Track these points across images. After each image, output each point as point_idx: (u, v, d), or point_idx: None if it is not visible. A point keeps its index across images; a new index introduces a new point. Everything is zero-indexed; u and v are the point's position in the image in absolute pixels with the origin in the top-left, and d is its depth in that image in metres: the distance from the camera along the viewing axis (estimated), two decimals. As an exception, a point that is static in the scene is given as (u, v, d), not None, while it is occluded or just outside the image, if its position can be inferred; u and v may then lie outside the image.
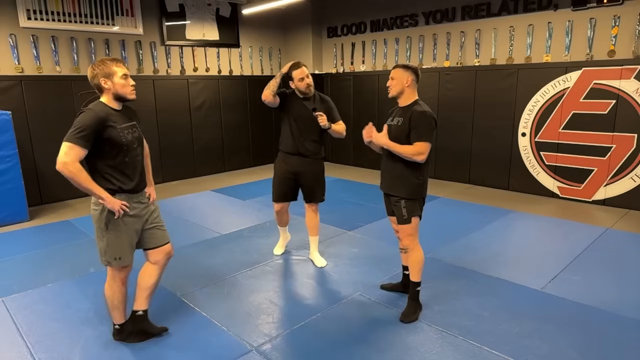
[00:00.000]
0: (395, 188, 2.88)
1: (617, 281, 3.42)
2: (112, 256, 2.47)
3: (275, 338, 2.75)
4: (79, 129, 2.28)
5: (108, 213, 2.40)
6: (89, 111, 2.36)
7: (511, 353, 2.53)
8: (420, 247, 2.94)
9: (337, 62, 8.41)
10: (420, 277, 2.94)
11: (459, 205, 5.56)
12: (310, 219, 3.74)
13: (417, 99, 2.87)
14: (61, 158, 2.23)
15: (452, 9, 6.59)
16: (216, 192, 6.49)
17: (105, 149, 2.37)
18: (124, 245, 2.48)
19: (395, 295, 3.24)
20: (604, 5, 5.23)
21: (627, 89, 5.06)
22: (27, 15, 5.75)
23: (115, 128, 2.39)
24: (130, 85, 2.45)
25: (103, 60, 2.42)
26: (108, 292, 2.60)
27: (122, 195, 2.43)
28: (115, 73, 2.40)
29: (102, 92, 2.46)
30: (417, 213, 2.87)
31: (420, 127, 2.73)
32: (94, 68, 2.40)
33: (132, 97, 2.48)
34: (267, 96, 3.40)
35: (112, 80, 2.40)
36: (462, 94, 6.49)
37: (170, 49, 7.20)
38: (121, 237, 2.46)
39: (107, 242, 2.45)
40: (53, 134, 6.00)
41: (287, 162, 3.56)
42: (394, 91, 2.86)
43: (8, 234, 4.83)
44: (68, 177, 2.25)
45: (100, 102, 2.45)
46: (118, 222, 2.43)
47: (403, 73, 2.81)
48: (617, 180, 5.31)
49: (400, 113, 2.87)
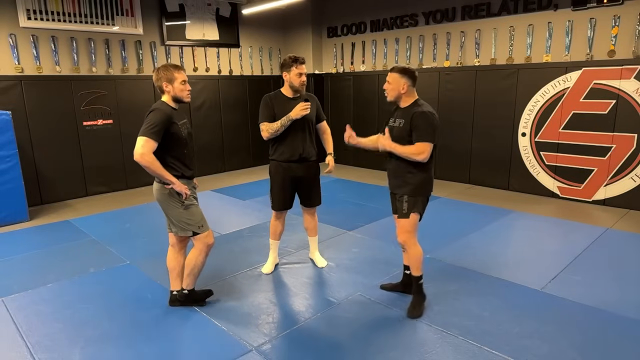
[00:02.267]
0: (400, 186, 2.93)
1: (617, 281, 3.42)
2: (196, 224, 2.86)
3: (275, 338, 2.75)
4: (152, 125, 2.63)
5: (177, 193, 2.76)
6: (159, 110, 2.70)
7: (511, 353, 2.53)
8: (418, 244, 2.98)
9: (337, 62, 8.41)
10: (420, 271, 2.99)
11: (459, 205, 5.56)
12: (309, 222, 3.72)
13: (417, 99, 2.89)
14: (138, 150, 2.59)
15: (452, 9, 6.59)
16: (216, 192, 6.49)
17: (170, 143, 2.74)
18: (201, 215, 2.90)
19: (395, 295, 3.24)
20: (604, 5, 5.23)
21: (627, 89, 5.06)
22: (27, 15, 5.75)
23: (177, 124, 2.78)
24: (187, 90, 2.83)
25: (166, 66, 2.78)
26: (194, 261, 2.94)
27: (183, 180, 2.81)
28: (177, 79, 2.77)
29: (163, 93, 2.83)
30: (417, 210, 2.90)
31: (421, 128, 2.76)
32: (159, 72, 2.78)
33: (188, 99, 2.87)
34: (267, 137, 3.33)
35: (173, 85, 2.78)
36: (462, 94, 6.49)
37: (170, 49, 7.20)
38: (197, 209, 2.90)
39: (188, 214, 2.84)
40: (53, 134, 6.02)
41: (287, 169, 3.41)
42: (390, 96, 2.91)
43: (8, 234, 4.83)
44: (145, 166, 2.62)
45: (163, 102, 2.80)
46: (190, 198, 2.83)
47: (399, 79, 2.83)
48: (617, 180, 5.31)
49: (401, 115, 2.90)
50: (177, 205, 2.81)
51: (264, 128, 3.31)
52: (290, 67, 3.28)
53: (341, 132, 3.27)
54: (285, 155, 3.37)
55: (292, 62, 3.27)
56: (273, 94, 3.41)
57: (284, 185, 3.45)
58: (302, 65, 3.29)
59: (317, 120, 3.53)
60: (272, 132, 3.28)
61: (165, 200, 2.81)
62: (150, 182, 2.95)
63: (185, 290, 3.05)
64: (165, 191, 2.77)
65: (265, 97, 3.39)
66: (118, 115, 6.55)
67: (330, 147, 3.60)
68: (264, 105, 3.35)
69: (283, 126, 3.26)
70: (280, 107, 3.32)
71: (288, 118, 3.23)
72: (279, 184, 3.46)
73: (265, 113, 3.33)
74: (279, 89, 3.42)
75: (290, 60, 3.28)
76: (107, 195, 6.51)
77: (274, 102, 3.35)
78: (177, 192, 2.76)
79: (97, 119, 6.39)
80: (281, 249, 4.03)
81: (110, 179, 6.63)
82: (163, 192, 2.79)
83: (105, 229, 4.86)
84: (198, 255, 2.93)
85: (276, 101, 3.36)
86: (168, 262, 3.07)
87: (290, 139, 3.34)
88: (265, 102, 3.36)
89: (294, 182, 3.46)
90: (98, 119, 6.39)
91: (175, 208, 2.82)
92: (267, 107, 3.34)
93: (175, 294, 3.09)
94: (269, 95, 3.40)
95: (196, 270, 2.98)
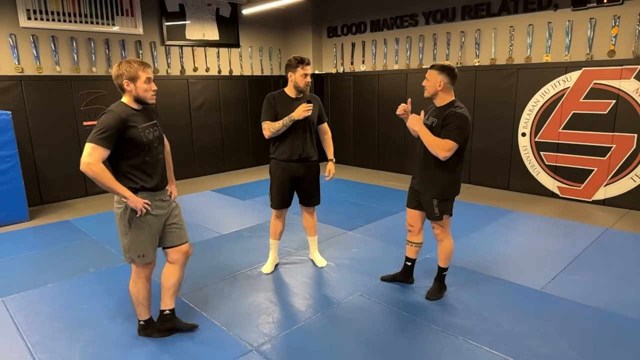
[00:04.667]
0: (428, 188, 3.02)
1: (617, 281, 3.42)
2: (136, 253, 2.51)
3: (275, 338, 2.75)
4: (101, 130, 2.31)
5: (131, 211, 2.43)
6: (111, 112, 2.38)
7: (511, 353, 2.53)
8: (452, 239, 3.16)
9: (337, 62, 8.41)
10: (448, 264, 3.19)
11: (458, 205, 5.50)
12: (308, 221, 3.72)
13: (454, 100, 2.90)
14: (85, 159, 2.26)
15: (452, 9, 6.59)
16: (216, 192, 6.49)
17: (127, 149, 2.40)
18: (146, 243, 2.52)
19: (395, 295, 3.24)
20: (604, 5, 5.23)
21: (627, 89, 5.06)
22: (27, 15, 5.75)
23: (137, 128, 2.41)
24: (152, 90, 2.48)
25: (130, 61, 2.43)
26: (133, 289, 2.64)
27: (144, 194, 2.47)
28: (140, 77, 2.42)
29: (124, 92, 2.48)
30: (448, 212, 3.07)
31: (452, 127, 2.78)
32: (120, 67, 2.42)
33: (152, 101, 2.52)
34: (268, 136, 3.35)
35: (135, 84, 2.42)
36: (462, 94, 6.45)
37: (170, 49, 7.20)
38: (144, 235, 2.50)
39: (130, 239, 2.49)
40: (53, 134, 6.02)
41: (287, 169, 3.42)
42: (428, 92, 2.92)
43: (8, 234, 4.83)
44: (91, 177, 2.28)
45: (121, 103, 2.47)
46: (141, 220, 2.46)
47: (437, 75, 2.84)
48: (617, 180, 5.31)
49: (435, 113, 2.92)
50: (122, 227, 2.47)
51: (266, 127, 3.33)
52: (296, 68, 3.30)
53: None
54: (286, 154, 3.38)
55: (298, 63, 3.29)
56: (277, 94, 3.42)
57: (283, 184, 3.46)
58: (308, 67, 3.32)
59: (319, 122, 3.54)
60: (273, 131, 3.30)
61: (117, 217, 2.48)
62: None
63: (141, 321, 2.75)
64: (121, 206, 2.44)
65: (269, 97, 3.41)
66: (118, 115, 6.54)
67: (331, 152, 3.62)
68: (267, 104, 3.38)
69: (285, 126, 3.27)
70: (283, 107, 3.34)
71: (290, 118, 3.25)
72: (278, 183, 3.47)
73: (267, 112, 3.36)
74: (282, 89, 3.44)
75: (295, 61, 3.30)
76: (107, 195, 6.50)
77: (277, 101, 3.37)
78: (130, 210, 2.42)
79: (98, 119, 6.37)
80: (281, 249, 4.03)
81: (110, 179, 6.62)
82: (117, 207, 2.47)
83: (105, 229, 4.85)
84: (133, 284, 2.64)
85: (279, 101, 3.38)
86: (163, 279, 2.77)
87: (291, 139, 3.35)
88: (268, 101, 3.38)
89: (293, 181, 3.47)
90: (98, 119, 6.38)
91: (120, 226, 2.49)
92: (270, 106, 3.36)
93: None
94: (272, 94, 3.42)
95: (141, 298, 2.65)
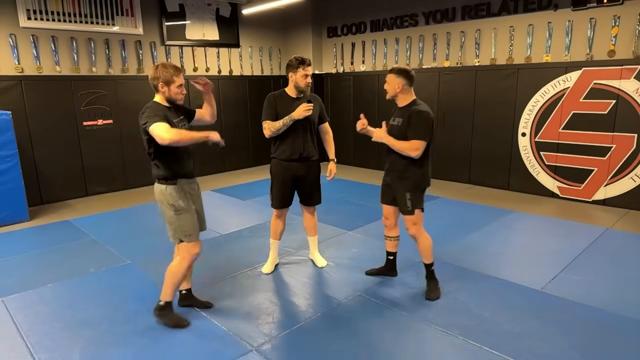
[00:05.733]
0: (399, 181, 3.10)
1: (617, 281, 3.42)
2: (183, 233, 2.77)
3: (275, 338, 2.75)
4: (154, 114, 2.57)
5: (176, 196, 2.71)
6: (154, 105, 2.67)
7: (511, 353, 2.53)
8: (426, 234, 3.16)
9: (337, 62, 8.41)
10: (431, 258, 3.20)
11: (459, 205, 5.56)
12: (308, 221, 3.73)
13: (415, 100, 3.06)
14: (164, 134, 2.48)
15: (452, 9, 6.59)
16: (216, 192, 6.49)
17: None
18: (191, 223, 2.79)
19: (395, 295, 3.24)
20: (604, 5, 5.23)
21: (627, 89, 5.06)
22: (27, 15, 5.75)
23: (172, 122, 2.67)
24: (182, 94, 2.78)
25: (166, 66, 2.70)
26: (176, 269, 2.81)
27: (182, 180, 2.76)
28: (174, 82, 2.71)
29: (157, 92, 2.75)
30: (420, 205, 3.10)
31: (416, 126, 2.95)
32: (157, 71, 2.69)
33: (181, 102, 2.83)
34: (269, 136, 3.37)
35: (169, 87, 2.71)
36: (462, 94, 6.48)
37: (170, 49, 7.20)
38: (188, 216, 2.78)
39: (178, 221, 2.74)
40: (53, 134, 6.02)
41: (288, 169, 3.43)
42: (389, 95, 3.11)
43: (8, 234, 4.83)
44: (177, 143, 2.53)
45: (155, 102, 2.73)
46: (184, 204, 2.75)
47: (394, 79, 3.03)
48: (617, 180, 5.31)
49: (399, 113, 3.08)
50: (169, 209, 2.73)
51: (266, 126, 3.35)
52: (297, 69, 3.32)
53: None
54: (286, 154, 3.40)
55: (299, 63, 3.31)
56: (277, 93, 3.45)
57: (284, 184, 3.47)
58: (309, 67, 3.35)
59: (320, 121, 3.55)
60: (274, 130, 3.32)
61: (161, 201, 2.76)
62: (149, 182, 2.94)
63: (162, 302, 2.86)
64: (164, 191, 2.71)
65: (269, 96, 3.43)
66: (118, 115, 6.55)
67: (332, 151, 3.63)
68: (268, 104, 3.40)
69: (285, 125, 3.29)
70: (284, 107, 3.36)
71: (290, 118, 3.26)
72: (279, 182, 3.49)
73: (268, 112, 3.38)
74: (283, 89, 3.46)
75: (296, 61, 3.32)
76: (107, 195, 6.51)
77: (277, 101, 3.39)
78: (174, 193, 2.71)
79: (97, 119, 6.39)
80: (281, 249, 4.03)
81: (110, 179, 6.63)
82: (162, 193, 2.73)
83: (105, 229, 4.85)
84: (179, 263, 2.81)
85: (280, 100, 3.40)
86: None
87: (291, 138, 3.37)
88: (269, 100, 3.41)
89: (294, 180, 3.48)
90: (98, 119, 6.39)
91: (167, 210, 2.74)
92: (271, 105, 3.39)
93: (184, 293, 3.08)
94: (273, 94, 3.45)
95: (176, 280, 2.82)
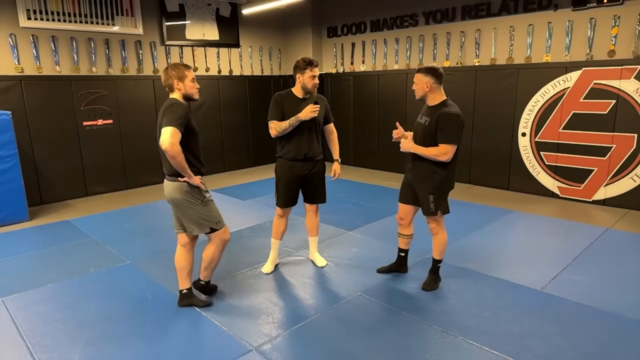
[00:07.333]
0: (423, 183, 3.10)
1: (617, 281, 3.42)
2: (214, 221, 2.91)
3: (275, 338, 2.75)
4: (179, 117, 2.63)
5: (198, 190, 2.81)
6: (180, 104, 2.73)
7: (511, 353, 2.53)
8: (446, 232, 3.24)
9: (337, 62, 8.40)
10: (442, 256, 3.28)
11: (459, 205, 5.55)
12: (311, 220, 3.74)
13: (446, 99, 3.01)
14: (170, 139, 2.56)
15: (452, 9, 6.59)
16: (216, 192, 6.48)
17: (187, 137, 2.73)
18: (217, 212, 2.95)
19: (395, 295, 3.24)
20: (604, 5, 5.23)
21: (627, 89, 5.06)
22: (27, 15, 5.75)
23: (191, 119, 2.78)
24: (197, 88, 2.86)
25: (176, 65, 2.79)
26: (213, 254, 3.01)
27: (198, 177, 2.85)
28: (187, 76, 2.79)
29: (172, 92, 2.82)
30: (443, 207, 3.12)
31: (446, 129, 2.90)
32: (168, 71, 2.78)
33: (197, 97, 2.89)
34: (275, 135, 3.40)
35: (184, 82, 2.78)
36: (462, 94, 6.48)
37: (170, 49, 7.20)
38: (213, 206, 2.94)
39: (207, 212, 2.87)
40: (53, 134, 6.02)
41: (293, 168, 3.45)
42: (417, 95, 3.07)
43: (8, 234, 4.83)
44: (172, 155, 2.59)
45: (174, 99, 2.78)
46: (209, 195, 2.89)
47: (422, 78, 2.98)
48: (617, 180, 5.31)
49: (428, 112, 3.04)
50: (196, 202, 2.83)
51: (273, 126, 3.38)
52: (304, 70, 3.35)
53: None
54: (292, 153, 3.43)
55: (307, 65, 3.34)
56: (284, 93, 3.47)
57: (289, 183, 3.51)
58: (316, 69, 3.40)
59: (325, 122, 3.58)
60: (280, 130, 3.34)
61: (183, 197, 2.80)
62: (149, 182, 2.96)
63: (202, 282, 3.16)
64: (185, 188, 2.78)
65: (276, 96, 3.46)
66: (118, 115, 6.54)
67: (337, 152, 3.66)
68: (274, 103, 3.43)
69: (291, 126, 3.32)
70: (290, 107, 3.39)
71: (297, 119, 3.29)
72: (284, 182, 3.52)
73: (274, 111, 3.40)
74: (289, 89, 3.50)
75: (304, 63, 3.35)
76: (107, 195, 6.50)
77: (284, 101, 3.42)
78: (195, 187, 2.80)
79: (97, 119, 6.39)
80: (281, 249, 4.03)
81: (110, 179, 6.62)
82: (182, 190, 2.78)
83: (105, 229, 4.85)
84: (215, 250, 3.01)
85: (286, 101, 3.43)
86: (177, 261, 3.05)
87: (297, 139, 3.40)
88: (276, 100, 3.43)
89: (299, 180, 3.52)
90: (98, 119, 6.39)
91: (194, 205, 2.83)
92: (277, 105, 3.41)
93: (185, 292, 3.10)
94: (279, 94, 3.47)
95: (213, 264, 3.07)
